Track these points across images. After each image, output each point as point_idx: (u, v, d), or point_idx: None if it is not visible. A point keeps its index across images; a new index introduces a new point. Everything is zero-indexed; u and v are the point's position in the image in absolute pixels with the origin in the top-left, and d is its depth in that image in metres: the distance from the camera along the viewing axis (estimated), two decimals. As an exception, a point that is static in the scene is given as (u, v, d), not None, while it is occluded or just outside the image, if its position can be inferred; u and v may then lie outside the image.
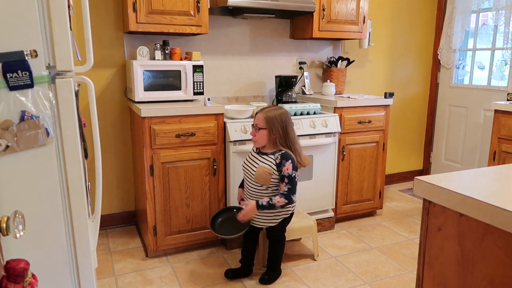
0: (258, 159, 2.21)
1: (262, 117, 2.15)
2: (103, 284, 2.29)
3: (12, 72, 1.12)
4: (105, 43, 2.77)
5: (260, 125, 2.16)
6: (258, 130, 2.16)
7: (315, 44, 3.41)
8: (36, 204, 1.24)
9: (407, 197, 3.75)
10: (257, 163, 2.19)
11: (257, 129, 2.16)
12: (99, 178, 1.52)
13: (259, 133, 2.16)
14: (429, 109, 4.12)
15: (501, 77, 3.46)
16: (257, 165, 2.19)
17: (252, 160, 2.24)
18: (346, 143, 2.96)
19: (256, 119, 2.19)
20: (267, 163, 2.16)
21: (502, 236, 0.84)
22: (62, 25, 1.20)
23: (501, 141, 2.81)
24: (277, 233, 2.29)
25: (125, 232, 2.97)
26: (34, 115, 1.17)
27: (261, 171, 2.15)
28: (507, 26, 3.30)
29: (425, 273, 1.07)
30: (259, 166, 2.17)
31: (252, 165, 2.22)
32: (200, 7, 2.58)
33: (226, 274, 2.34)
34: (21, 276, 0.92)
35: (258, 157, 2.22)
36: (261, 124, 2.16)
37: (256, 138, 2.18)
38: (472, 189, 0.94)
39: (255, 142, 2.20)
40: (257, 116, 2.18)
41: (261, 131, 2.16)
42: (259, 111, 2.20)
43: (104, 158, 2.89)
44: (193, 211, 2.56)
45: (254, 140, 2.20)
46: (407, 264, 2.53)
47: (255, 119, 2.19)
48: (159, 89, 2.58)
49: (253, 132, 2.19)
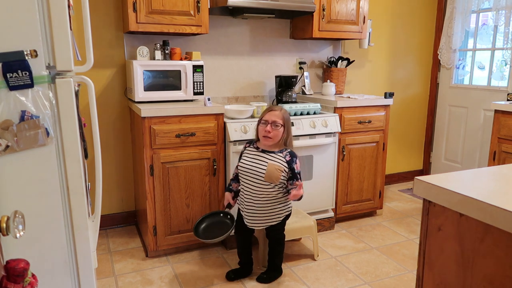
0: (266, 157, 2.17)
1: (281, 115, 2.15)
2: (103, 284, 2.29)
3: (12, 72, 1.12)
4: (105, 43, 2.77)
5: (278, 122, 2.14)
6: (275, 127, 2.14)
7: (315, 44, 3.42)
8: (36, 204, 1.24)
9: (407, 197, 3.75)
10: (266, 161, 2.15)
11: (275, 126, 2.14)
12: (99, 178, 1.52)
13: (277, 131, 2.14)
14: (429, 109, 4.12)
15: (501, 77, 3.46)
16: (265, 163, 2.15)
17: (256, 159, 2.19)
18: (346, 143, 2.96)
19: (272, 116, 2.14)
20: (277, 161, 2.15)
21: (502, 236, 0.84)
22: (62, 25, 1.20)
23: (501, 141, 2.81)
24: (279, 231, 2.29)
25: (125, 232, 2.97)
26: (34, 115, 1.17)
27: (273, 169, 2.13)
28: (507, 26, 3.30)
29: (425, 273, 1.07)
30: (269, 164, 2.14)
31: (258, 164, 2.17)
32: (200, 7, 2.58)
33: (227, 277, 2.33)
34: (21, 276, 0.92)
35: (265, 156, 2.17)
36: (279, 122, 2.14)
37: (273, 135, 2.14)
38: (472, 189, 0.94)
39: (271, 139, 2.14)
40: (274, 114, 2.15)
41: (278, 128, 2.14)
42: (274, 109, 2.17)
43: (104, 158, 2.89)
44: (193, 211, 2.56)
45: (271, 137, 2.14)
46: (407, 264, 2.53)
47: (271, 116, 2.14)
48: (159, 89, 2.58)
49: (270, 129, 2.13)
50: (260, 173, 2.15)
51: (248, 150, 2.25)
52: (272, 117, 2.14)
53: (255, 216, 2.21)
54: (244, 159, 2.24)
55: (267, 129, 2.13)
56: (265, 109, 2.24)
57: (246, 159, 2.22)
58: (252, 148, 2.25)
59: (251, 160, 2.20)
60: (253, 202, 2.20)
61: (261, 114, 2.22)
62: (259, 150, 2.21)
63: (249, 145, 2.27)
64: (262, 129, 2.16)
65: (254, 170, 2.17)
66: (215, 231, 2.21)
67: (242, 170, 2.22)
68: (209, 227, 2.26)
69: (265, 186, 2.17)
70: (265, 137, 2.15)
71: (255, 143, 2.25)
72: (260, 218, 2.22)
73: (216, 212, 2.33)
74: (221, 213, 2.30)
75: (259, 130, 2.18)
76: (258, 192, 2.18)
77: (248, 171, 2.19)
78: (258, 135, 2.20)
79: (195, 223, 2.28)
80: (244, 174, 2.21)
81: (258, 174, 2.16)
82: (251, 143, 2.28)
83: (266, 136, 2.14)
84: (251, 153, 2.23)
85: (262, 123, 2.17)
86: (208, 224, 2.28)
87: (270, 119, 2.14)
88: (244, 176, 2.22)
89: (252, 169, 2.18)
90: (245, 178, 2.22)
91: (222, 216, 2.28)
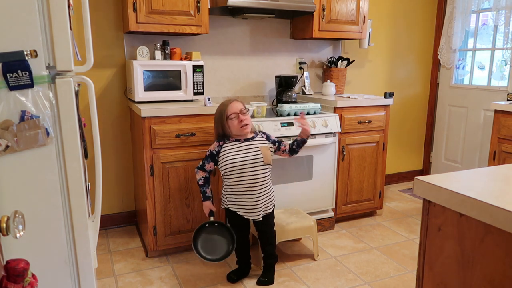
0: (253, 144, 2.20)
1: (241, 104, 2.21)
2: (103, 284, 2.29)
3: (12, 72, 1.12)
4: (105, 43, 2.77)
5: (244, 110, 2.18)
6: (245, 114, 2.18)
7: (315, 44, 3.41)
8: (36, 204, 1.24)
9: (407, 197, 3.75)
10: (256, 147, 2.19)
11: (244, 114, 2.17)
12: (99, 178, 1.52)
13: (247, 116, 2.20)
14: (429, 109, 4.12)
15: (501, 77, 3.46)
16: (257, 149, 2.18)
17: (246, 149, 2.17)
18: (346, 143, 2.96)
19: (238, 105, 2.18)
20: (263, 143, 2.23)
21: (502, 236, 0.84)
22: (62, 25, 1.20)
23: (501, 141, 2.81)
24: (272, 218, 2.32)
25: (125, 232, 2.97)
26: (34, 115, 1.17)
27: (266, 150, 2.20)
28: (507, 26, 3.30)
29: (425, 273, 1.07)
30: (261, 147, 2.19)
31: (251, 153, 2.17)
32: (200, 7, 2.58)
33: (229, 279, 2.32)
34: (21, 276, 0.92)
35: (251, 143, 2.20)
36: (244, 109, 2.19)
37: (248, 121, 2.19)
38: (472, 189, 0.94)
39: (248, 125, 2.19)
40: (236, 104, 2.18)
41: (248, 114, 2.20)
42: (231, 101, 2.20)
43: (104, 158, 2.88)
44: (193, 211, 2.56)
45: (248, 123, 2.18)
46: (407, 264, 2.53)
47: (236, 107, 2.17)
48: (159, 89, 2.58)
49: (243, 117, 2.16)
50: (258, 159, 2.17)
51: (229, 147, 2.19)
52: (237, 108, 2.18)
53: (256, 205, 2.19)
54: (230, 155, 2.16)
55: (241, 118, 2.16)
56: (220, 106, 2.23)
57: (234, 154, 2.16)
58: (233, 143, 2.20)
59: (241, 153, 2.16)
60: (253, 192, 2.18)
61: (221, 112, 2.19)
62: (241, 141, 2.20)
63: (224, 143, 2.21)
64: (235, 123, 2.16)
65: (251, 159, 2.16)
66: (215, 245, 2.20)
67: (235, 165, 2.15)
68: (207, 243, 2.21)
69: (264, 170, 2.20)
70: (243, 126, 2.17)
71: (230, 139, 2.21)
72: (260, 206, 2.21)
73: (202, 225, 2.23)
74: (207, 224, 2.23)
75: (232, 125, 2.16)
76: (259, 179, 2.18)
77: (244, 164, 2.15)
78: (232, 131, 2.18)
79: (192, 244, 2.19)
80: (239, 168, 2.15)
81: (256, 161, 2.17)
82: (224, 140, 2.22)
83: (244, 125, 2.17)
84: (235, 147, 2.19)
85: (231, 118, 2.16)
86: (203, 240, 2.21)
87: (238, 109, 2.17)
88: (240, 170, 2.15)
89: (248, 160, 2.16)
90: (241, 172, 2.15)
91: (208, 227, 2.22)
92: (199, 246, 2.20)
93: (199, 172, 2.25)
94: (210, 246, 2.21)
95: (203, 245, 2.21)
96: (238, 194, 2.20)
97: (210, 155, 2.21)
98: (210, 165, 2.22)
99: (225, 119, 2.17)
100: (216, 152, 2.20)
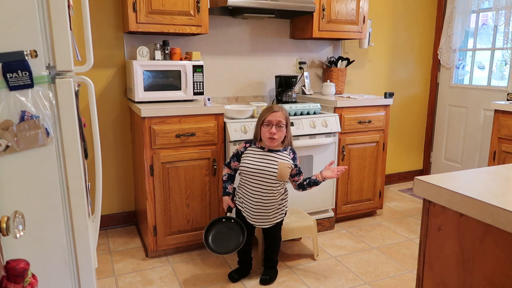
0: (275, 157, 2.17)
1: (283, 116, 2.16)
2: (103, 284, 2.29)
3: (12, 72, 1.12)
4: (105, 43, 2.77)
5: (282, 123, 2.15)
6: (279, 128, 2.14)
7: (315, 44, 3.41)
8: (36, 204, 1.24)
9: (407, 197, 3.75)
10: (276, 161, 2.16)
11: (279, 127, 2.14)
12: (99, 178, 1.52)
13: (281, 131, 2.15)
14: (429, 109, 4.12)
15: (501, 77, 3.46)
16: (275, 163, 2.15)
17: (266, 159, 2.17)
18: (346, 143, 2.96)
19: (276, 117, 2.14)
20: (285, 160, 2.18)
21: (502, 236, 0.84)
22: (62, 25, 1.20)
23: (501, 141, 2.81)
24: (279, 230, 2.32)
25: (125, 232, 2.97)
26: (34, 115, 1.17)
27: (284, 167, 2.16)
28: (507, 26, 3.30)
29: (425, 273, 1.07)
30: (280, 163, 2.16)
31: (269, 164, 2.16)
32: (200, 7, 2.58)
33: (231, 278, 2.32)
34: (21, 276, 0.92)
35: (274, 155, 2.18)
36: (283, 122, 2.15)
37: (278, 136, 2.15)
38: (472, 189, 0.94)
39: (276, 140, 2.15)
40: (277, 115, 2.14)
41: (282, 129, 2.16)
42: (275, 109, 2.16)
43: (104, 158, 2.89)
44: (193, 211, 2.56)
45: (276, 138, 2.14)
46: (407, 264, 2.53)
47: (275, 118, 2.13)
48: (159, 89, 2.58)
49: (275, 131, 2.13)
50: (272, 172, 2.15)
51: (252, 151, 2.22)
52: (276, 118, 2.14)
53: (263, 214, 2.21)
54: (249, 159, 2.20)
55: (273, 131, 2.13)
56: (265, 108, 2.23)
57: (253, 160, 2.19)
58: (256, 148, 2.22)
59: (259, 160, 2.18)
60: (262, 201, 2.18)
61: (262, 114, 2.19)
62: (265, 150, 2.20)
63: (250, 145, 2.25)
64: (266, 131, 2.15)
65: (265, 170, 2.16)
66: (225, 239, 2.19)
67: (250, 170, 2.18)
68: (217, 236, 2.21)
69: (276, 185, 2.18)
70: (270, 139, 2.15)
71: (256, 143, 2.24)
72: (268, 216, 2.22)
73: (218, 219, 2.25)
74: (223, 219, 2.24)
75: (263, 131, 2.16)
76: (268, 191, 2.18)
77: (257, 172, 2.16)
78: (261, 136, 2.18)
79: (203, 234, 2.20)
80: (252, 174, 2.18)
81: (271, 173, 2.15)
82: (251, 143, 2.26)
83: (272, 138, 2.14)
84: (257, 153, 2.21)
85: (265, 124, 2.15)
86: (215, 233, 2.22)
87: (274, 120, 2.14)
88: (252, 176, 2.18)
89: (263, 169, 2.16)
90: (253, 178, 2.18)
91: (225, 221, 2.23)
92: (210, 237, 2.21)
93: (225, 168, 2.33)
94: (220, 239, 2.21)
95: (214, 237, 2.22)
96: (245, 197, 2.23)
97: (236, 154, 2.28)
98: (235, 163, 2.28)
99: (260, 122, 2.18)
100: (241, 152, 2.26)
